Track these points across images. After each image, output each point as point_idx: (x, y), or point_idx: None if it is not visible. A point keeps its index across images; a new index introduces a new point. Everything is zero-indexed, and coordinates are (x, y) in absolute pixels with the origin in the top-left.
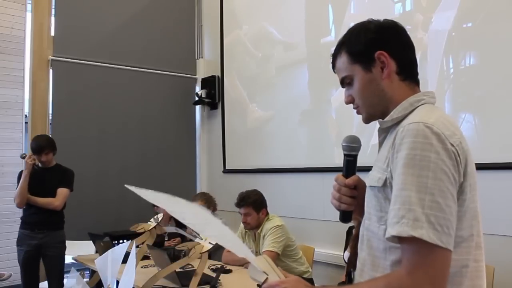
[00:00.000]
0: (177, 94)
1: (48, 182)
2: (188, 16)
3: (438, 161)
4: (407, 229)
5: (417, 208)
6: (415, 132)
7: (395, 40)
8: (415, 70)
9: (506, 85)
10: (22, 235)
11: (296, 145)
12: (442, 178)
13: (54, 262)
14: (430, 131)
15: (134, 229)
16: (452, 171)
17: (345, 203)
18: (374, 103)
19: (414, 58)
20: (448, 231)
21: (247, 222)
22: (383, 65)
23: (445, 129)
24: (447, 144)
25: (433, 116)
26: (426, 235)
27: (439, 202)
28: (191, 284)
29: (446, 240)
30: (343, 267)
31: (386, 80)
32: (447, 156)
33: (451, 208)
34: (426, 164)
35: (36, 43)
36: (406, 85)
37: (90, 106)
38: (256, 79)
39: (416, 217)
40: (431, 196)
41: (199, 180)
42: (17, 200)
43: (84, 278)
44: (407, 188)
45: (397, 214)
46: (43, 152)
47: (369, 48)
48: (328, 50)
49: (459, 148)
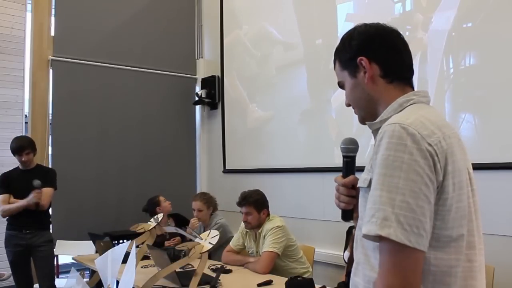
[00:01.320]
0: (177, 94)
1: (31, 184)
2: (188, 16)
3: (411, 161)
4: (375, 228)
5: (387, 208)
6: (391, 133)
7: (378, 45)
8: (406, 72)
9: (506, 85)
10: (9, 236)
11: (296, 145)
12: (414, 179)
13: (45, 261)
14: (405, 132)
15: (134, 229)
16: (427, 171)
17: (344, 202)
18: (362, 106)
19: (403, 60)
20: (418, 231)
21: (248, 221)
22: (365, 70)
23: (423, 129)
24: (421, 145)
25: (412, 116)
26: (394, 234)
27: (409, 203)
28: (191, 284)
29: (415, 240)
30: (343, 267)
31: (370, 84)
32: (421, 156)
33: (423, 208)
34: (399, 165)
35: (36, 43)
36: (394, 87)
37: (90, 106)
38: (256, 79)
39: (385, 216)
40: (401, 196)
41: (199, 180)
42: (3, 214)
43: (84, 278)
44: (378, 188)
45: (368, 213)
46: (24, 151)
47: (353, 55)
48: (328, 50)
49: (437, 148)
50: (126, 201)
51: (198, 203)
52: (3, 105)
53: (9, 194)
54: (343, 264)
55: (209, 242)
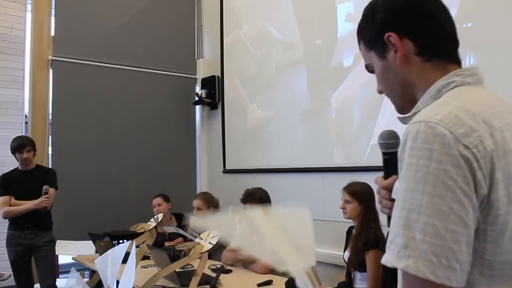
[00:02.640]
0: (177, 94)
1: (32, 184)
2: (188, 16)
3: (439, 172)
4: (391, 258)
5: (407, 232)
6: (414, 135)
7: (408, 15)
8: (448, 44)
9: (506, 85)
10: (12, 236)
11: (296, 145)
12: (443, 194)
13: (47, 261)
14: (432, 133)
15: (134, 229)
16: (461, 184)
17: (387, 207)
18: (397, 93)
19: (443, 30)
20: (448, 263)
21: None
22: (395, 48)
23: (458, 126)
24: (453, 149)
25: (445, 109)
26: (414, 267)
27: (436, 226)
28: (191, 284)
29: (443, 275)
30: (343, 267)
31: (403, 65)
32: (452, 164)
33: (456, 233)
34: (423, 177)
35: (36, 43)
36: (433, 66)
37: (90, 106)
38: (256, 79)
39: (405, 243)
40: (426, 217)
41: (199, 180)
42: (6, 216)
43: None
44: (399, 206)
45: (389, 237)
46: (25, 149)
47: (378, 32)
48: (328, 50)
49: (477, 150)
50: (126, 201)
51: (198, 201)
52: (3, 105)
53: (9, 196)
54: (343, 264)
55: (209, 242)
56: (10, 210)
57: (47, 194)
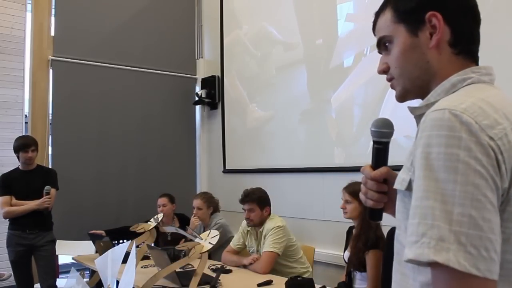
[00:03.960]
0: (177, 94)
1: (33, 184)
2: (188, 16)
3: (470, 160)
4: (427, 251)
5: (442, 224)
6: (438, 122)
7: (456, 2)
8: (475, 46)
9: (506, 85)
10: (12, 236)
11: (296, 145)
12: (477, 182)
13: (47, 261)
14: (458, 121)
15: (134, 229)
16: (492, 172)
17: (372, 199)
18: (413, 75)
19: (476, 31)
20: (487, 254)
21: (250, 218)
22: (434, 31)
23: (483, 117)
24: (481, 138)
25: (469, 100)
26: (455, 260)
27: (473, 216)
28: (191, 284)
29: (485, 267)
30: (343, 267)
31: (434, 49)
32: (482, 153)
33: (491, 222)
34: (453, 165)
35: (36, 43)
36: (460, 61)
37: (90, 106)
38: (256, 79)
39: (441, 236)
40: (461, 207)
41: (199, 180)
42: (7, 216)
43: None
44: (429, 196)
45: (416, 231)
46: (30, 148)
47: (420, 7)
48: (328, 50)
49: (502, 143)
50: (126, 201)
51: (199, 201)
52: (3, 105)
53: (10, 196)
54: (343, 264)
55: (209, 242)
56: (11, 210)
57: (49, 195)
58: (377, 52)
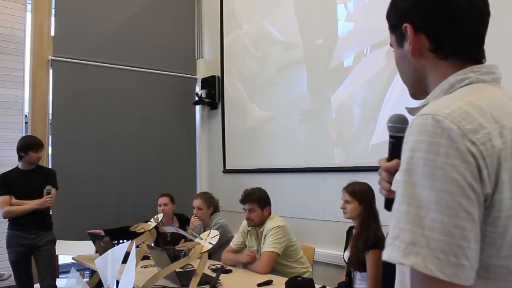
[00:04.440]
0: (177, 94)
1: (33, 184)
2: (188, 16)
3: (447, 166)
4: (397, 254)
5: (415, 229)
6: (422, 127)
7: (427, 10)
8: (469, 46)
9: (506, 85)
10: (12, 236)
11: (296, 145)
12: (451, 189)
13: (48, 261)
14: (440, 126)
15: (134, 229)
16: (469, 179)
17: (384, 189)
18: (409, 82)
19: (464, 31)
20: (456, 260)
21: (251, 218)
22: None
23: (467, 122)
24: (459, 143)
25: (455, 104)
26: (422, 264)
27: (445, 222)
28: (191, 284)
29: (452, 272)
30: (343, 267)
31: (417, 58)
32: (461, 159)
33: (465, 230)
34: (431, 171)
35: (36, 43)
36: (449, 64)
37: (90, 106)
38: (256, 79)
39: (412, 240)
40: (434, 214)
41: (199, 180)
42: (7, 215)
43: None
44: (405, 201)
45: (391, 233)
46: (40, 148)
47: (398, 20)
48: (328, 50)
49: (484, 148)
50: (126, 201)
51: (199, 201)
52: (3, 105)
53: (10, 195)
54: (343, 264)
55: (209, 242)
56: (11, 210)
57: (50, 194)
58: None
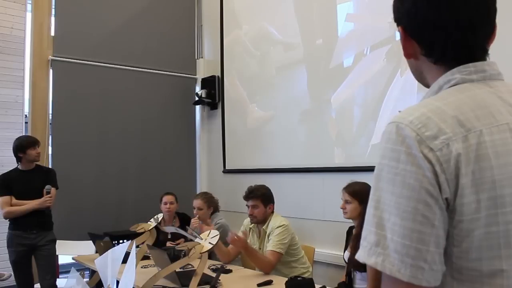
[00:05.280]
0: (177, 94)
1: (33, 184)
2: (188, 16)
3: (406, 173)
4: (363, 254)
5: (378, 231)
6: (387, 135)
7: (413, 17)
8: (457, 52)
9: None
10: (13, 236)
11: (296, 145)
12: (408, 195)
13: (48, 260)
14: (401, 134)
15: (134, 229)
16: (426, 185)
17: None
18: (416, 78)
19: (453, 38)
20: (413, 261)
21: (254, 214)
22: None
23: (427, 128)
24: (416, 150)
25: (420, 110)
26: (381, 264)
27: (403, 226)
28: (191, 284)
29: (410, 273)
30: (343, 267)
31: (414, 60)
32: (417, 165)
33: (422, 233)
34: (391, 178)
35: (36, 43)
36: (439, 68)
37: (90, 106)
38: (256, 79)
39: (375, 241)
40: (394, 217)
41: (199, 180)
42: (8, 216)
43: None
44: (372, 205)
45: (362, 234)
46: (37, 145)
47: (396, 20)
48: (328, 50)
49: (441, 154)
50: (126, 201)
51: (199, 201)
52: (3, 105)
53: (10, 196)
54: (343, 264)
55: (209, 242)
56: (12, 210)
57: (50, 194)
58: None
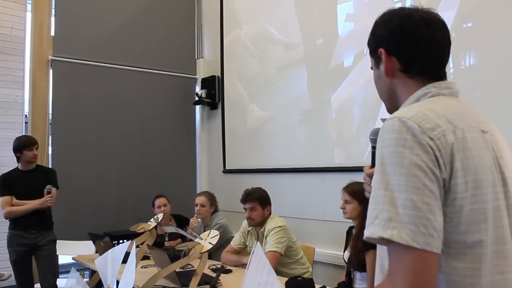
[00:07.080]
0: (177, 94)
1: (34, 184)
2: (188, 16)
3: (413, 156)
4: (377, 230)
5: (390, 208)
6: (390, 128)
7: (398, 38)
8: (431, 67)
9: (506, 85)
10: (13, 236)
11: (296, 145)
12: (417, 173)
13: (49, 260)
14: (405, 126)
15: (134, 229)
16: (431, 166)
17: (368, 192)
18: (384, 98)
19: (427, 55)
20: (426, 230)
21: (252, 217)
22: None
23: (425, 122)
24: (420, 138)
25: (417, 109)
26: (398, 235)
27: (414, 200)
28: (191, 284)
29: (424, 241)
30: (343, 267)
31: (390, 78)
32: (423, 150)
33: (430, 205)
34: (399, 161)
35: (36, 43)
36: (416, 82)
37: (90, 106)
38: (256, 79)
39: (389, 217)
40: (405, 194)
41: (199, 180)
42: (8, 216)
43: (84, 278)
44: (380, 187)
45: (371, 215)
46: (34, 146)
47: (375, 45)
48: (328, 50)
49: (440, 142)
50: (126, 201)
51: (203, 197)
52: (3, 105)
53: (11, 196)
54: (343, 264)
55: (209, 242)
56: (12, 210)
57: (51, 194)
58: None
